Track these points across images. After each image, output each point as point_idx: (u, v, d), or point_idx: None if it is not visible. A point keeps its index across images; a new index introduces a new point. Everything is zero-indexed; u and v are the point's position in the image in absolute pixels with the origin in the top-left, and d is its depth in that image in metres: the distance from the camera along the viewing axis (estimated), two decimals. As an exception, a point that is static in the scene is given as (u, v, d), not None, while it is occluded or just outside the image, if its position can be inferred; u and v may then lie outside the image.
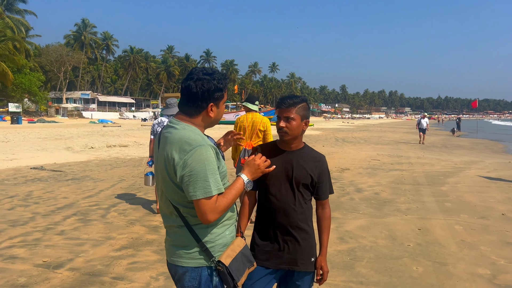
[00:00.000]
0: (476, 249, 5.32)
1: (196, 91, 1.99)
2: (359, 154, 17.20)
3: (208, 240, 2.01)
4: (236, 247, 2.06)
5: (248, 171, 2.15)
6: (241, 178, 2.10)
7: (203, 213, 1.91)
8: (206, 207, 1.90)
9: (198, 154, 1.89)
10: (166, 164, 1.95)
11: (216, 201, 1.93)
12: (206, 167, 1.90)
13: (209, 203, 1.90)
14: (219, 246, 2.03)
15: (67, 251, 4.93)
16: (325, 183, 2.46)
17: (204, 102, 2.02)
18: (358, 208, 7.42)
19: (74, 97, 76.69)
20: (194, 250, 2.00)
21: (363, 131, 42.01)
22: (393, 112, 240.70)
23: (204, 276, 2.00)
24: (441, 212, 7.18)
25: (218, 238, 2.04)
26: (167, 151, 1.96)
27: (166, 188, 2.01)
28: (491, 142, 29.28)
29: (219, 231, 2.04)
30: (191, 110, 2.04)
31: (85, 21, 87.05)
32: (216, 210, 1.93)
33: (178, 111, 2.10)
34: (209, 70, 2.05)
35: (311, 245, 2.43)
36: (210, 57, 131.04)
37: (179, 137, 1.95)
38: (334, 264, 4.67)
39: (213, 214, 1.92)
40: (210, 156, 1.92)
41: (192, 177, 1.88)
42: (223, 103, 2.11)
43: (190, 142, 1.92)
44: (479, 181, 10.52)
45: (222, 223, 2.06)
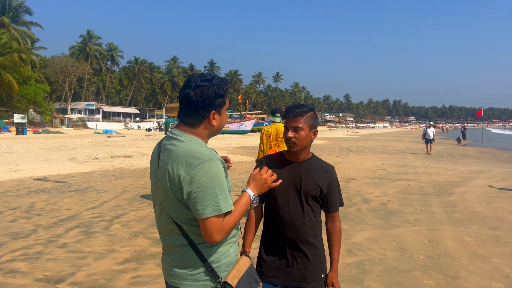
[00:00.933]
0: (489, 261, 5.16)
1: (196, 99, 1.86)
2: (365, 163, 17.05)
3: (213, 260, 1.87)
4: (242, 266, 1.93)
5: (254, 186, 2.02)
6: (247, 193, 1.97)
7: (209, 233, 1.77)
8: (213, 227, 1.76)
9: (206, 168, 1.76)
10: (170, 180, 1.80)
11: (223, 220, 1.80)
12: (215, 183, 1.77)
13: (216, 222, 1.77)
14: (225, 266, 1.90)
15: (69, 264, 4.82)
16: (335, 195, 2.35)
17: (206, 110, 1.88)
18: (365, 219, 7.28)
19: (79, 108, 77.13)
20: (199, 271, 1.86)
21: (368, 141, 41.82)
22: (397, 121, 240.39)
23: None
24: (450, 223, 7.03)
25: (223, 257, 1.90)
26: (171, 165, 1.81)
27: (168, 205, 1.86)
28: (498, 151, 29.01)
29: (224, 249, 1.91)
30: (192, 120, 1.90)
31: (90, 32, 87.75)
32: (223, 230, 1.80)
33: (179, 122, 1.95)
34: (208, 75, 1.92)
35: (321, 260, 2.31)
36: (214, 67, 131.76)
37: (185, 151, 1.81)
38: (342, 277, 4.53)
39: (220, 234, 1.79)
40: (219, 171, 1.79)
41: (200, 193, 1.74)
42: (225, 110, 1.98)
43: (198, 156, 1.77)
44: (488, 191, 10.35)
45: (227, 241, 1.93)
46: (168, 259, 1.93)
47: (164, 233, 1.94)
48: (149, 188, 10.05)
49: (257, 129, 50.18)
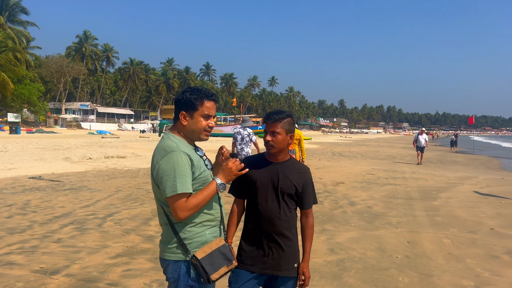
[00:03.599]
0: (462, 261, 5.46)
1: (175, 103, 2.39)
2: (355, 168, 17.37)
3: (186, 237, 2.29)
4: (214, 244, 2.31)
5: (222, 175, 2.36)
6: (214, 181, 2.34)
7: (174, 211, 2.21)
8: (176, 205, 2.20)
9: (169, 158, 2.23)
10: (151, 168, 2.32)
11: (186, 201, 2.21)
12: (175, 169, 2.20)
13: (179, 202, 2.20)
14: (197, 243, 2.29)
15: (63, 258, 5.06)
16: (309, 194, 2.62)
17: (177, 111, 2.37)
18: (350, 221, 7.57)
19: (73, 108, 77.04)
20: (174, 245, 2.29)
21: (360, 146, 42.24)
22: (391, 127, 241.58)
23: (183, 269, 2.28)
24: (431, 226, 7.33)
25: (196, 236, 2.30)
26: (153, 157, 2.33)
27: (153, 189, 2.35)
28: (488, 158, 29.49)
29: (198, 230, 2.31)
30: (174, 120, 2.43)
31: (86, 33, 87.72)
32: (185, 208, 2.21)
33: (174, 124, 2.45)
34: (198, 87, 2.43)
35: (294, 251, 2.58)
36: (209, 70, 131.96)
37: (160, 145, 2.31)
38: (322, 274, 4.81)
39: (183, 212, 2.21)
40: (180, 161, 2.22)
41: (163, 178, 2.21)
42: (198, 115, 2.34)
43: (166, 149, 2.26)
44: (471, 197, 10.68)
45: (202, 223, 2.33)
46: (159, 235, 2.51)
47: (158, 213, 2.41)
48: (142, 188, 10.29)
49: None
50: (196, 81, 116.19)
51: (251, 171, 2.59)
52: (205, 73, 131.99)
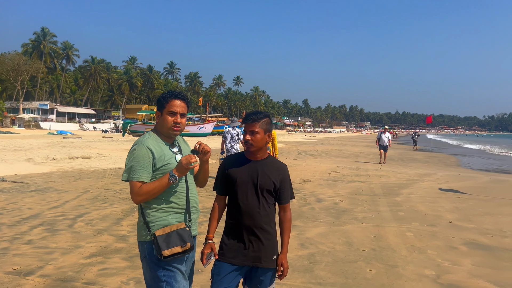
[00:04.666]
0: (424, 253, 5.80)
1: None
2: (320, 166, 17.78)
3: (150, 220, 2.59)
4: (174, 226, 2.57)
5: (176, 168, 2.60)
6: (168, 173, 2.60)
7: (130, 195, 2.57)
8: (130, 190, 2.56)
9: (131, 150, 2.62)
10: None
11: (139, 187, 2.53)
12: (133, 160, 2.57)
13: (133, 187, 2.54)
14: (159, 226, 2.58)
15: (36, 259, 5.03)
16: (286, 189, 2.80)
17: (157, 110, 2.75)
18: (318, 217, 7.83)
19: (31, 108, 74.46)
20: (141, 225, 2.64)
21: (325, 145, 43.05)
22: (353, 126, 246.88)
23: (149, 248, 2.58)
24: (395, 221, 7.69)
25: (159, 220, 2.59)
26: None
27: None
28: (446, 156, 30.76)
29: (161, 215, 2.61)
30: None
31: (44, 30, 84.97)
32: (137, 193, 2.53)
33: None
34: (177, 90, 2.82)
35: (273, 244, 2.75)
36: (174, 69, 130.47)
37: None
38: (295, 267, 5.01)
39: (135, 196, 2.54)
40: (140, 153, 2.57)
41: (126, 166, 2.61)
42: (165, 113, 2.67)
43: (134, 143, 2.64)
44: (431, 192, 11.20)
45: (164, 209, 2.62)
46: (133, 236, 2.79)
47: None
48: (110, 189, 10.21)
49: (217, 132, 50.26)
50: (160, 80, 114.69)
51: (232, 169, 2.74)
52: (169, 72, 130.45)
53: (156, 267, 2.55)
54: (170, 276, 2.55)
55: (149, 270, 2.59)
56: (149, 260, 2.57)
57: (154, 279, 2.56)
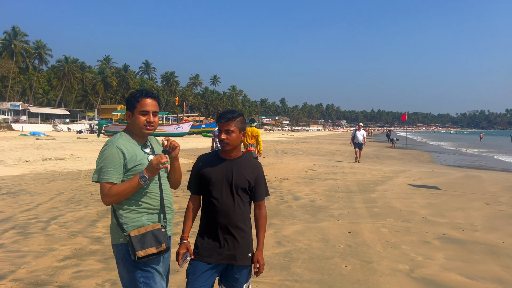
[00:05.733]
0: (398, 248, 5.91)
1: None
2: (297, 164, 17.90)
3: (124, 222, 2.55)
4: (149, 227, 2.54)
5: (147, 169, 2.57)
6: (138, 173, 2.56)
7: (101, 196, 2.52)
8: (101, 191, 2.52)
9: (102, 150, 2.56)
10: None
11: (109, 188, 2.48)
12: (103, 161, 2.53)
13: (103, 189, 2.50)
14: (134, 227, 2.55)
15: (8, 263, 4.92)
16: (261, 187, 2.82)
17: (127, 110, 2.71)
18: (295, 214, 7.89)
19: (2, 109, 72.43)
20: (114, 227, 2.60)
21: (302, 143, 43.33)
22: (330, 124, 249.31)
23: (124, 250, 2.54)
24: (370, 217, 7.81)
25: (133, 222, 2.56)
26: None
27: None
28: (419, 153, 31.41)
29: (134, 216, 2.57)
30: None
31: (15, 29, 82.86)
32: (107, 195, 2.48)
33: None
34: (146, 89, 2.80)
35: (248, 242, 2.77)
36: (149, 68, 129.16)
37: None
38: (271, 265, 5.04)
39: (105, 198, 2.50)
40: (110, 153, 2.52)
41: (96, 167, 2.56)
42: (137, 113, 2.64)
43: (105, 143, 2.60)
44: (405, 188, 11.42)
45: (137, 210, 2.59)
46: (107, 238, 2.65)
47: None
48: (84, 190, 10.05)
49: (194, 132, 49.97)
50: (136, 79, 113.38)
51: (206, 168, 2.75)
52: (144, 71, 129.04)
53: (133, 268, 2.52)
54: (149, 277, 2.53)
55: (126, 272, 2.56)
56: (125, 262, 2.54)
57: (132, 281, 2.54)
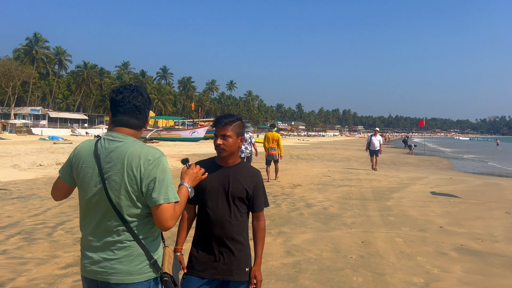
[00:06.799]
0: (413, 259, 5.64)
1: (142, 103, 2.18)
2: (312, 170, 17.63)
3: (155, 252, 2.13)
4: (170, 255, 2.22)
5: (189, 179, 2.31)
6: (184, 186, 2.27)
7: (163, 220, 1.99)
8: (168, 214, 2.00)
9: (161, 163, 2.05)
10: (129, 177, 2.01)
11: (174, 208, 2.04)
12: (168, 176, 2.06)
13: (170, 210, 2.01)
14: (161, 257, 2.17)
15: (9, 270, 4.81)
16: (260, 197, 2.62)
17: (148, 113, 2.23)
18: (306, 222, 7.66)
19: (23, 113, 73.76)
20: (145, 264, 2.07)
21: (317, 149, 42.96)
22: (346, 130, 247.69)
23: (153, 286, 2.10)
24: (384, 226, 7.54)
25: (160, 250, 2.19)
26: (128, 165, 2.02)
27: (123, 203, 2.02)
28: (437, 159, 30.79)
29: (159, 243, 2.19)
30: (140, 122, 2.19)
31: (37, 35, 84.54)
32: (174, 217, 2.04)
33: (119, 125, 2.15)
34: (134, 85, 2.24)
35: (245, 256, 2.57)
36: (166, 74, 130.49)
37: (137, 150, 2.05)
38: (279, 276, 4.83)
39: (173, 220, 2.03)
40: (168, 166, 2.10)
41: (159, 183, 2.00)
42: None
43: (153, 153, 2.07)
44: (422, 196, 11.08)
45: (159, 235, 2.20)
46: (106, 258, 2.04)
47: (105, 232, 2.06)
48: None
49: (210, 137, 50.03)
50: (153, 85, 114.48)
51: None
52: (162, 77, 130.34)
53: None
54: None
55: None
56: None
57: None
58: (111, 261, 2.04)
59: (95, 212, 2.09)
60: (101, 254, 2.06)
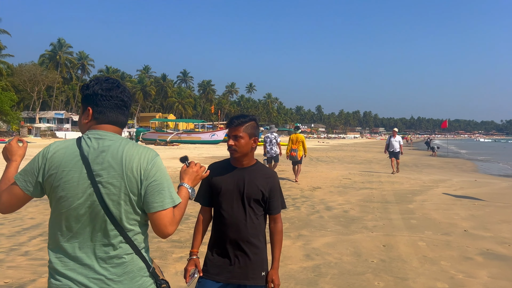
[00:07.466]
0: (437, 264, 5.48)
1: (128, 99, 1.96)
2: (332, 173, 17.45)
3: (149, 261, 1.91)
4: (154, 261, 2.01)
5: (188, 179, 2.12)
6: (183, 187, 2.06)
7: (163, 226, 1.78)
8: (168, 219, 1.79)
9: (158, 163, 1.83)
10: (127, 179, 1.75)
11: (173, 213, 1.83)
12: (167, 177, 1.84)
13: (170, 214, 1.79)
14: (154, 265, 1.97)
15: (30, 271, 4.86)
16: (276, 198, 2.56)
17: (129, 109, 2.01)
18: (326, 225, 7.55)
19: (47, 117, 75.43)
20: (145, 277, 1.85)
21: (338, 151, 42.58)
22: (367, 132, 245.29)
23: None
24: (406, 229, 7.37)
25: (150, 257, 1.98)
26: (126, 165, 1.77)
27: (122, 209, 1.77)
28: (461, 161, 30.12)
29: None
30: (125, 119, 1.96)
31: (61, 41, 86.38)
32: (174, 221, 1.82)
33: (105, 122, 1.89)
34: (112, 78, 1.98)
35: (262, 259, 2.51)
36: (187, 77, 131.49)
37: (133, 149, 1.83)
38: (298, 280, 4.75)
39: (173, 226, 1.81)
40: (164, 166, 1.89)
41: (157, 186, 1.78)
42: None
43: (150, 153, 1.84)
44: (445, 199, 10.82)
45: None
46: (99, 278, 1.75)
47: (98, 247, 1.78)
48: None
49: (229, 139, 50.15)
50: (174, 88, 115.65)
51: (217, 177, 2.53)
52: (182, 80, 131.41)
53: None
54: None
55: None
56: None
57: None
58: (108, 281, 1.75)
59: (83, 223, 1.77)
60: (92, 275, 1.74)
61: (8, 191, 1.85)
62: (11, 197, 1.84)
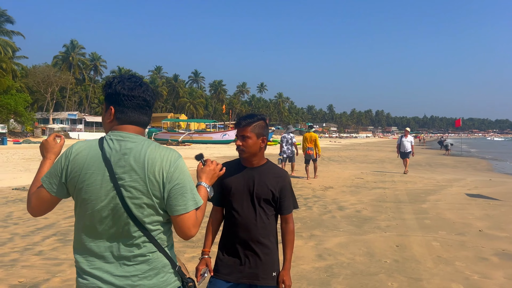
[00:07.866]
0: (451, 264, 5.41)
1: (150, 98, 1.94)
2: (344, 172, 17.35)
3: (175, 259, 1.93)
4: (179, 260, 2.03)
5: (206, 178, 2.11)
6: (202, 186, 2.05)
7: (186, 228, 1.79)
8: (191, 221, 1.80)
9: (181, 166, 1.82)
10: (149, 183, 1.75)
11: (196, 214, 1.84)
12: (189, 178, 1.84)
13: (193, 216, 1.81)
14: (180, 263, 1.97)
15: (44, 271, 4.91)
16: (287, 198, 2.54)
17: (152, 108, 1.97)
18: (338, 225, 7.50)
19: (61, 118, 76.28)
20: (170, 274, 1.86)
21: (350, 150, 42.35)
22: (380, 131, 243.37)
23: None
24: (420, 229, 7.28)
25: (175, 255, 1.99)
26: (149, 168, 1.76)
27: (144, 211, 1.78)
28: (475, 160, 29.75)
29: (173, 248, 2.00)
30: (147, 119, 1.94)
31: (73, 42, 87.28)
32: (197, 223, 1.83)
33: (127, 122, 1.87)
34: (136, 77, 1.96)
35: (272, 259, 2.50)
36: (198, 78, 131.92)
37: (156, 151, 1.81)
38: (310, 281, 4.72)
39: (196, 228, 1.83)
40: (187, 169, 1.87)
41: (181, 189, 1.78)
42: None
43: (173, 155, 1.83)
44: (460, 198, 10.68)
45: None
46: (126, 275, 1.78)
47: (123, 247, 1.80)
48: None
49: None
50: (185, 89, 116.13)
51: (227, 178, 2.52)
52: (193, 81, 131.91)
53: None
54: None
55: None
56: None
57: None
58: (134, 278, 1.78)
59: (107, 224, 1.79)
60: (117, 273, 1.78)
61: (36, 194, 1.86)
62: (39, 200, 1.85)
